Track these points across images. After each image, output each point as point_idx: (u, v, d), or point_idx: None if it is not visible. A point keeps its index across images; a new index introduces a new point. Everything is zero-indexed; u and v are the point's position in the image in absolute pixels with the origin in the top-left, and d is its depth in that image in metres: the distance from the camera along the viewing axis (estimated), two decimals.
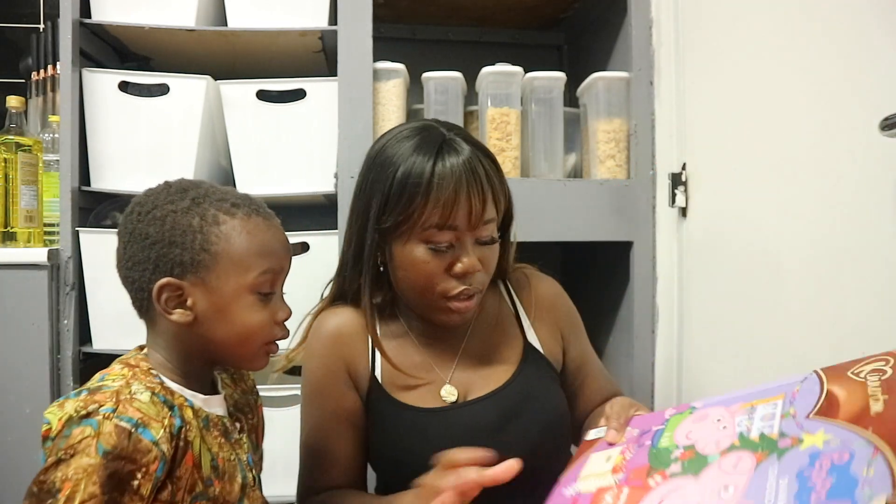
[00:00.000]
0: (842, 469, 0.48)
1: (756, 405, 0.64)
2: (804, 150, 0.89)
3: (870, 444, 0.48)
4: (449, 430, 0.82)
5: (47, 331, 1.19)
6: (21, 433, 1.17)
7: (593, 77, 1.31)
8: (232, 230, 0.66)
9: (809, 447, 0.53)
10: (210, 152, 1.34)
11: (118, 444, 0.56)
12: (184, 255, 0.64)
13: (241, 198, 0.69)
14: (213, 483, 0.65)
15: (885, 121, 0.68)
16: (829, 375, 0.60)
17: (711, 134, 1.14)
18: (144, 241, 0.65)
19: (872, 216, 0.76)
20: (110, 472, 0.55)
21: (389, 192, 0.79)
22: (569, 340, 0.95)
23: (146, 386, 0.62)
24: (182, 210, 0.65)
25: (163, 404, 0.62)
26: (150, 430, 0.59)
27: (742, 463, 0.57)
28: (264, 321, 0.68)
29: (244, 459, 0.71)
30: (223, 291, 0.65)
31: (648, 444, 0.69)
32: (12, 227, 1.24)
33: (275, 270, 0.68)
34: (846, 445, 0.50)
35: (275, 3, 1.29)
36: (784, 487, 0.51)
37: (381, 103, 1.27)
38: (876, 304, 0.76)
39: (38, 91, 1.51)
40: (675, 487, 0.60)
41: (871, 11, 0.78)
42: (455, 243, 0.79)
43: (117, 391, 0.61)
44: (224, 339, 0.67)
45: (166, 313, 0.65)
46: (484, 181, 0.79)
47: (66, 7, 1.21)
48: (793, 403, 0.60)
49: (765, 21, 0.98)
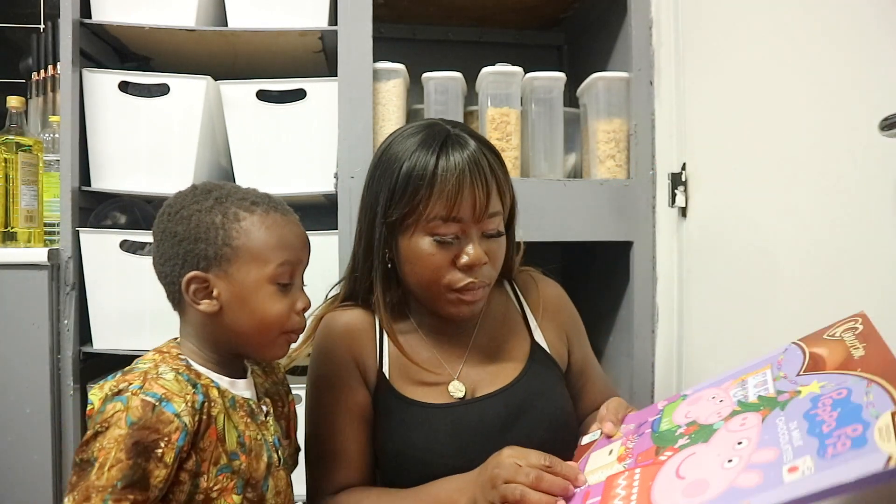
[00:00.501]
0: (843, 401, 0.52)
1: (746, 378, 0.68)
2: (804, 150, 0.89)
3: (862, 380, 0.53)
4: (457, 425, 0.82)
5: (47, 331, 1.19)
6: (21, 433, 1.17)
7: (593, 77, 1.31)
8: (251, 225, 0.71)
9: (808, 394, 0.57)
10: (210, 152, 1.34)
11: (143, 416, 0.63)
12: (208, 249, 0.70)
13: (261, 196, 0.75)
14: (239, 457, 0.70)
15: (885, 121, 0.68)
16: (808, 341, 0.66)
17: (711, 134, 1.14)
18: (173, 238, 0.71)
19: (872, 216, 0.76)
20: (135, 440, 0.62)
21: (395, 186, 0.81)
22: (572, 343, 0.96)
23: (172, 367, 0.69)
24: (206, 209, 0.71)
25: (186, 382, 0.68)
26: (172, 404, 0.64)
27: (749, 421, 0.60)
28: (283, 310, 0.72)
29: (270, 441, 0.75)
30: (245, 282, 0.71)
31: (649, 431, 0.70)
32: (12, 227, 1.24)
33: (292, 262, 0.73)
34: (841, 384, 0.55)
35: (275, 3, 1.29)
36: (795, 429, 0.54)
37: (381, 103, 1.27)
38: (876, 303, 0.76)
39: (38, 91, 1.51)
40: (689, 454, 0.61)
41: (871, 11, 0.78)
42: (461, 236, 0.81)
43: (146, 371, 0.67)
44: (246, 328, 0.72)
45: (194, 304, 0.71)
46: (488, 173, 0.80)
47: (67, 7, 1.22)
48: (780, 369, 0.65)
49: (765, 21, 0.98)
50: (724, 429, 0.61)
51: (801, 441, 0.52)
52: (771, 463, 0.52)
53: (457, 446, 0.81)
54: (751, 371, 0.69)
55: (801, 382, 0.60)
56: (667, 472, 0.61)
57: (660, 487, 0.59)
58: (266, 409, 0.77)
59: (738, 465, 0.55)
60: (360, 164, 1.21)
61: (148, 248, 1.25)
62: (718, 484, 0.54)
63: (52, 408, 1.19)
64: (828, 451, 0.48)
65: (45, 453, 1.17)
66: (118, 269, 1.23)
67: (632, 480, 0.63)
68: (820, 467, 0.47)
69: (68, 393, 1.20)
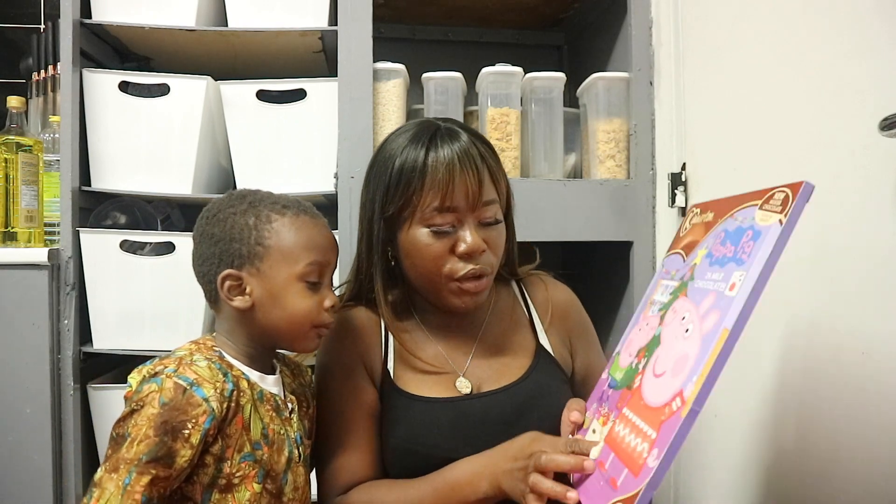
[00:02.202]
0: (727, 236, 0.65)
1: (653, 298, 0.76)
2: (804, 149, 0.89)
3: (727, 219, 0.68)
4: (462, 420, 0.82)
5: (47, 331, 1.19)
6: (21, 433, 1.17)
7: (593, 77, 1.31)
8: (282, 227, 0.76)
9: (702, 257, 0.69)
10: (210, 152, 1.34)
11: (174, 397, 0.67)
12: (242, 248, 0.75)
13: (292, 201, 0.80)
14: (262, 447, 0.74)
15: (885, 121, 0.68)
16: (672, 247, 0.78)
17: (711, 134, 1.14)
18: (210, 239, 0.77)
19: (872, 216, 0.76)
20: (164, 419, 0.66)
21: (389, 181, 0.84)
22: (576, 349, 0.96)
23: (206, 357, 0.74)
24: (241, 212, 0.77)
25: (218, 370, 0.72)
26: (202, 389, 0.69)
27: (678, 305, 0.68)
28: (312, 307, 0.77)
29: (293, 437, 0.79)
30: (276, 280, 0.75)
31: (608, 389, 0.73)
32: (13, 227, 1.24)
33: (320, 262, 0.78)
34: (717, 233, 0.68)
35: (275, 3, 1.29)
36: (712, 274, 0.64)
37: (381, 103, 1.27)
38: (876, 303, 0.76)
39: (38, 91, 1.51)
40: (653, 361, 0.66)
41: (871, 11, 0.78)
42: (457, 225, 0.82)
43: (181, 358, 0.72)
44: (277, 322, 0.76)
45: (229, 300, 0.76)
46: (478, 161, 0.82)
47: (67, 7, 1.21)
48: (669, 273, 0.75)
49: (765, 21, 0.98)
50: (665, 326, 0.68)
51: (722, 273, 0.62)
52: (715, 301, 0.60)
53: (460, 439, 0.81)
54: (651, 294, 0.77)
55: (690, 260, 0.71)
56: (647, 383, 0.64)
57: (649, 392, 0.63)
58: (291, 407, 0.80)
59: (695, 324, 0.62)
60: (360, 164, 1.21)
61: (147, 248, 1.25)
62: (692, 346, 0.60)
63: (52, 408, 1.19)
64: (744, 258, 0.60)
65: (45, 453, 1.17)
66: (118, 269, 1.23)
67: (626, 418, 0.65)
68: (747, 266, 0.58)
69: (68, 393, 1.20)
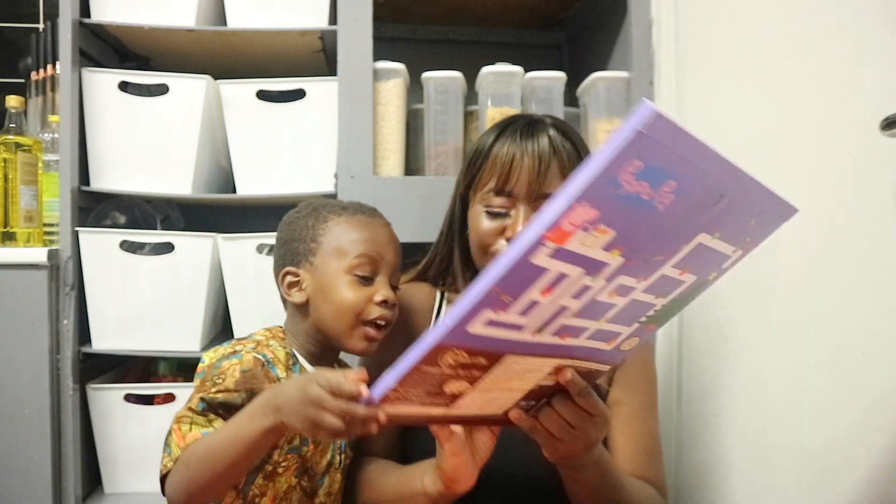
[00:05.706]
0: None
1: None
2: (804, 149, 0.89)
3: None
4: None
5: (47, 331, 1.18)
6: (21, 433, 1.17)
7: (593, 77, 1.31)
8: (336, 225, 0.81)
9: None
10: (210, 152, 1.34)
11: (253, 367, 0.72)
12: (300, 246, 0.81)
13: (352, 203, 0.84)
14: (309, 444, 0.76)
15: (885, 121, 0.68)
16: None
17: (711, 134, 1.13)
18: (279, 243, 0.84)
19: (872, 216, 0.76)
20: (245, 380, 0.71)
21: (468, 162, 0.87)
22: (615, 381, 0.88)
23: (280, 344, 0.79)
24: (304, 216, 0.83)
25: (289, 357, 0.78)
26: (277, 368, 0.74)
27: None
28: (360, 299, 0.78)
29: (338, 443, 0.81)
30: (326, 272, 0.79)
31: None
32: (12, 227, 1.24)
33: (371, 256, 0.79)
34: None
35: (275, 3, 1.29)
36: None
37: (381, 103, 1.26)
38: (876, 303, 0.76)
39: (37, 91, 1.50)
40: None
41: (871, 11, 0.78)
42: (511, 210, 0.82)
43: (259, 340, 0.78)
44: (326, 315, 0.79)
45: (287, 295, 0.81)
46: (547, 150, 0.80)
47: (66, 7, 1.21)
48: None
49: (765, 21, 0.98)
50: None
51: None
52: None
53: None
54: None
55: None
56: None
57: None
58: None
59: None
60: (360, 164, 1.21)
61: (147, 248, 1.25)
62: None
63: (52, 408, 1.19)
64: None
65: (44, 453, 1.17)
66: (118, 270, 1.23)
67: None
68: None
69: (68, 393, 1.20)
